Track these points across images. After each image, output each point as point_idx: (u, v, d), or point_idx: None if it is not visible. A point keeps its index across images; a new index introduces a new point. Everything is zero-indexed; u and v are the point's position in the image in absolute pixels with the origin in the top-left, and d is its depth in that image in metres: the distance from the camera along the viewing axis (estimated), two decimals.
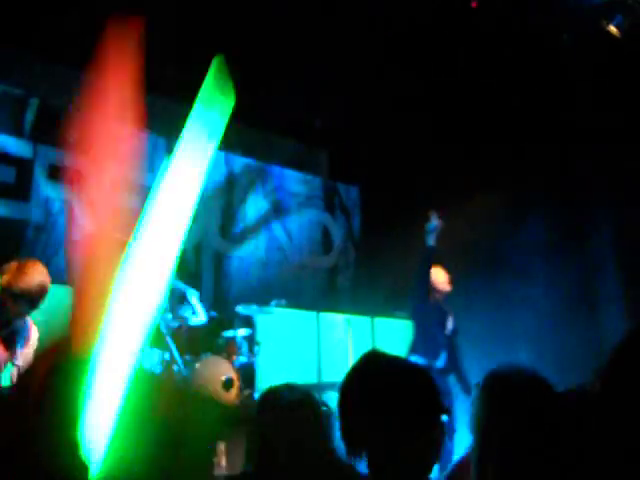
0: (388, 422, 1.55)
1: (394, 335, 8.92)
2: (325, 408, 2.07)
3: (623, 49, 6.42)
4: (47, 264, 7.21)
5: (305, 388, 2.12)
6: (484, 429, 1.88)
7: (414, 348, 5.83)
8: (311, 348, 8.81)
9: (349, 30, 7.44)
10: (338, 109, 8.79)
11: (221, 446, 5.63)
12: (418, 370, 1.74)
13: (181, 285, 6.76)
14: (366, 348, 5.67)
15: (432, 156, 8.78)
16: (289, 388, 2.08)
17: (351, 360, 6.89)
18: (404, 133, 8.86)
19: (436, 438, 1.60)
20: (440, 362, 5.66)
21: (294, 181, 9.91)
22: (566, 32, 6.66)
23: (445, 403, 1.68)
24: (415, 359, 5.64)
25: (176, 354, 5.58)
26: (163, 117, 8.44)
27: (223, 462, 5.46)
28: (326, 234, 10.15)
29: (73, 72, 7.54)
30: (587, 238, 8.30)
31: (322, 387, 7.89)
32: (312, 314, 8.94)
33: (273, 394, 2.08)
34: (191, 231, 8.52)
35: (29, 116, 7.45)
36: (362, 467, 1.68)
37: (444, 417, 1.63)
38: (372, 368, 1.74)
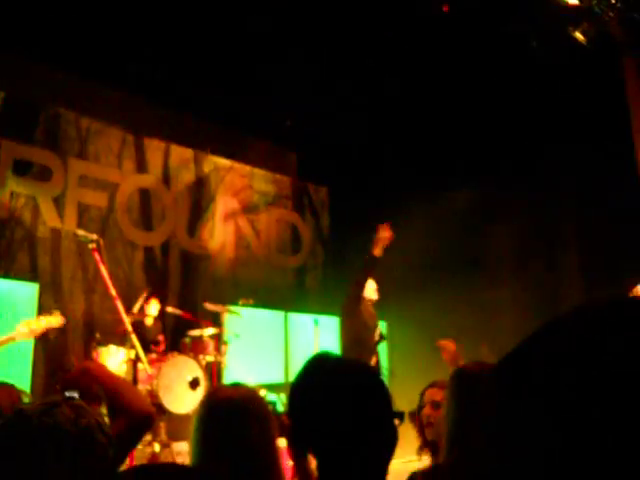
0: (339, 423, 1.54)
1: None
2: (270, 407, 2.07)
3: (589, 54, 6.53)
4: (12, 260, 7.19)
5: (250, 387, 2.12)
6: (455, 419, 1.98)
7: (345, 352, 5.86)
8: (279, 347, 8.81)
9: (320, 31, 7.46)
10: (308, 110, 8.79)
11: (184, 445, 5.59)
12: (369, 370, 1.74)
13: None
14: (334, 347, 5.71)
15: (402, 157, 8.84)
16: (234, 386, 2.07)
17: None
18: (373, 134, 8.91)
19: (388, 440, 1.58)
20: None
21: (263, 180, 9.89)
22: (535, 38, 6.74)
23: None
24: None
25: (141, 353, 5.51)
26: (133, 115, 8.39)
27: (188, 461, 5.42)
28: (295, 234, 10.14)
29: (40, 66, 7.46)
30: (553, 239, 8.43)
31: (289, 386, 7.88)
32: (280, 313, 8.94)
33: (216, 392, 2.07)
34: (159, 230, 8.54)
35: None
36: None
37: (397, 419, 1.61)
38: (321, 369, 1.73)
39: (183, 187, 8.90)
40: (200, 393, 6.10)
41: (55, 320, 4.55)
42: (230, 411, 1.93)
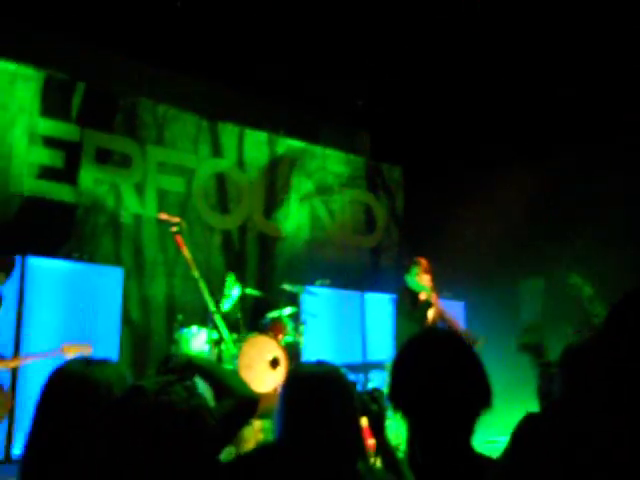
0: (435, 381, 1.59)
1: None
2: (353, 385, 2.05)
3: None
4: (97, 246, 7.45)
5: (333, 365, 2.11)
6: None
7: None
8: (356, 327, 8.83)
9: (390, 11, 7.37)
10: (380, 89, 8.72)
11: (266, 423, 5.69)
12: (459, 338, 1.76)
13: None
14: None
15: (477, 134, 8.66)
16: (317, 364, 2.07)
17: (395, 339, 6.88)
18: (447, 111, 8.76)
19: (479, 398, 1.63)
20: None
21: (337, 161, 9.88)
22: None
23: None
24: None
25: (225, 334, 5.63)
26: (208, 100, 8.50)
27: (270, 438, 5.52)
28: (369, 214, 10.11)
29: (119, 56, 7.65)
30: None
31: (367, 366, 7.91)
32: (356, 293, 8.95)
33: (300, 370, 2.07)
34: (235, 213, 8.67)
35: (76, 100, 7.56)
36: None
37: None
38: (421, 337, 1.78)
39: (258, 170, 8.99)
40: (280, 372, 6.20)
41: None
42: (313, 388, 1.94)
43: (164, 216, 5.19)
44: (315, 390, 1.93)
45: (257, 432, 5.84)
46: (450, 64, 8.04)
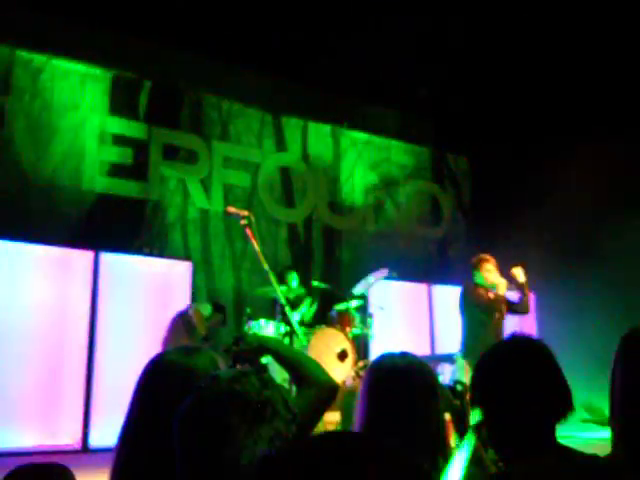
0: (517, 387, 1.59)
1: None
2: (437, 378, 1.99)
3: None
4: (166, 240, 7.59)
5: (418, 357, 2.05)
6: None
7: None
8: (424, 320, 8.73)
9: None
10: (444, 77, 8.58)
11: (335, 416, 5.68)
12: (541, 345, 1.75)
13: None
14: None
15: (544, 121, 8.42)
16: (401, 356, 2.01)
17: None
18: (514, 98, 8.55)
19: (559, 406, 1.64)
20: None
21: (401, 152, 9.79)
22: None
23: None
24: None
25: (295, 326, 5.64)
26: (271, 95, 8.53)
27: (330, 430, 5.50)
28: (435, 205, 9.98)
29: (183, 54, 7.75)
30: None
31: (436, 359, 7.80)
32: (424, 286, 8.85)
33: (383, 361, 2.02)
34: (301, 205, 8.69)
35: (143, 98, 7.71)
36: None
37: None
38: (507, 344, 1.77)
39: (322, 163, 8.98)
40: (348, 365, 6.17)
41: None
42: (397, 380, 1.89)
43: (232, 209, 5.20)
44: (399, 382, 1.89)
45: (326, 425, 5.84)
46: (513, 49, 7.85)
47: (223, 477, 1.26)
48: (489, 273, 5.94)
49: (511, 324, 5.95)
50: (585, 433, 6.54)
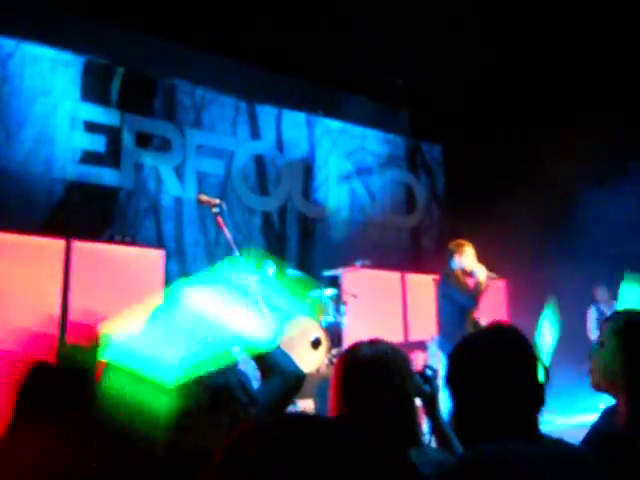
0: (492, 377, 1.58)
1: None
2: (409, 363, 2.00)
3: None
4: (139, 228, 7.54)
5: (390, 343, 2.06)
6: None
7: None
8: (397, 308, 8.78)
9: None
10: (418, 66, 8.59)
11: (309, 403, 5.71)
12: (518, 333, 1.73)
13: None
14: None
15: (518, 111, 8.49)
16: (372, 343, 2.02)
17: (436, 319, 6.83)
18: (486, 88, 8.60)
19: (534, 397, 1.64)
20: None
21: (376, 141, 9.81)
22: None
23: None
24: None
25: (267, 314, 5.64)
26: (245, 82, 8.49)
27: None
28: (409, 194, 10.02)
29: (156, 40, 7.67)
30: None
31: (408, 346, 7.86)
32: (397, 274, 8.89)
33: (355, 349, 2.03)
34: (275, 194, 8.68)
35: (115, 85, 7.63)
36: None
37: None
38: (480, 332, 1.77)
39: (297, 151, 8.97)
40: (322, 353, 6.21)
41: None
42: (369, 368, 1.91)
43: (203, 198, 5.19)
44: (371, 370, 1.90)
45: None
46: (489, 37, 7.88)
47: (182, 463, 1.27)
48: (468, 259, 5.95)
49: (483, 312, 6.01)
50: None
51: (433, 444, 2.11)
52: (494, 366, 1.61)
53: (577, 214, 8.11)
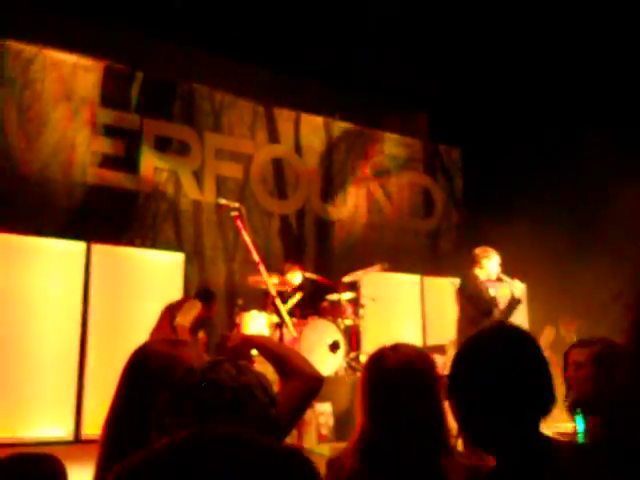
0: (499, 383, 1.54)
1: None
2: (436, 368, 1.99)
3: None
4: (158, 232, 7.58)
5: (414, 347, 2.04)
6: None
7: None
8: (415, 311, 8.76)
9: None
10: (437, 70, 8.57)
11: (327, 406, 5.70)
12: (527, 337, 1.68)
13: None
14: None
15: (538, 113, 8.43)
16: (393, 348, 2.01)
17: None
18: (507, 90, 8.55)
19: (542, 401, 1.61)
20: None
21: (394, 144, 9.79)
22: None
23: None
24: None
25: (285, 317, 5.65)
26: (263, 86, 8.52)
27: (330, 422, 5.53)
28: (427, 197, 9.99)
29: (175, 45, 7.73)
30: None
31: (427, 349, 7.84)
32: (416, 277, 8.88)
33: (381, 355, 2.02)
34: (293, 198, 8.69)
35: (135, 89, 7.68)
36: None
37: None
38: (487, 335, 1.71)
39: (314, 155, 8.98)
40: (340, 356, 6.20)
41: None
42: (398, 373, 1.89)
43: (223, 201, 5.22)
44: (399, 376, 1.89)
45: (318, 415, 5.86)
46: (509, 41, 7.84)
47: None
48: (495, 266, 5.84)
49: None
50: None
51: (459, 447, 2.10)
52: (498, 367, 1.56)
53: (603, 215, 8.03)
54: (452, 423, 2.06)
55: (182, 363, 1.66)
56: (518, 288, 5.62)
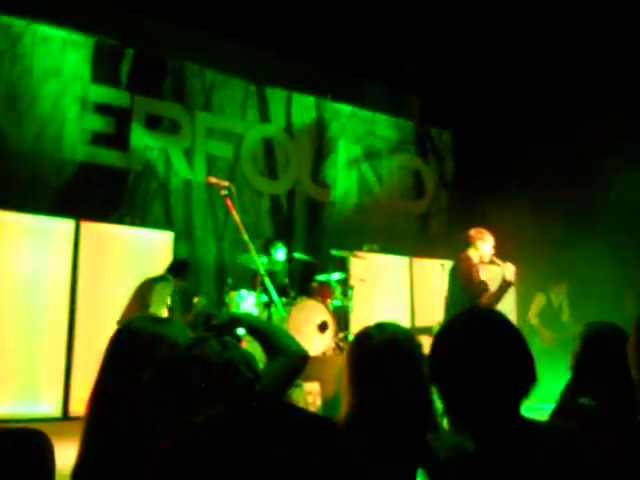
0: (479, 362, 1.53)
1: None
2: (421, 348, 1.99)
3: None
4: (148, 210, 7.55)
5: (400, 326, 2.04)
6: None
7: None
8: (404, 293, 8.79)
9: None
10: (429, 51, 8.53)
11: (315, 386, 5.73)
12: (504, 319, 1.68)
13: None
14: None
15: (529, 96, 8.43)
16: (378, 327, 2.01)
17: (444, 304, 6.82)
18: (498, 73, 8.53)
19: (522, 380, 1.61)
20: None
21: (385, 126, 9.77)
22: None
23: None
24: None
25: (274, 297, 5.66)
26: (255, 65, 8.46)
27: (318, 402, 5.57)
28: (418, 179, 9.99)
29: (167, 22, 7.65)
30: None
31: (415, 331, 7.87)
32: (405, 259, 8.90)
33: (367, 334, 2.02)
34: (284, 177, 8.66)
35: (125, 66, 7.61)
36: None
37: None
38: (466, 317, 1.70)
39: (305, 135, 8.95)
40: (329, 336, 6.22)
41: None
42: (383, 352, 1.90)
43: (213, 180, 5.22)
44: (384, 354, 1.89)
45: (306, 395, 5.89)
46: (501, 23, 7.81)
47: None
48: (489, 248, 5.81)
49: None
50: None
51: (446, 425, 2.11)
52: (477, 349, 1.56)
53: (593, 199, 8.07)
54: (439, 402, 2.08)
55: (166, 340, 1.66)
56: (510, 271, 5.59)
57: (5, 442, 1.81)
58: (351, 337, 6.41)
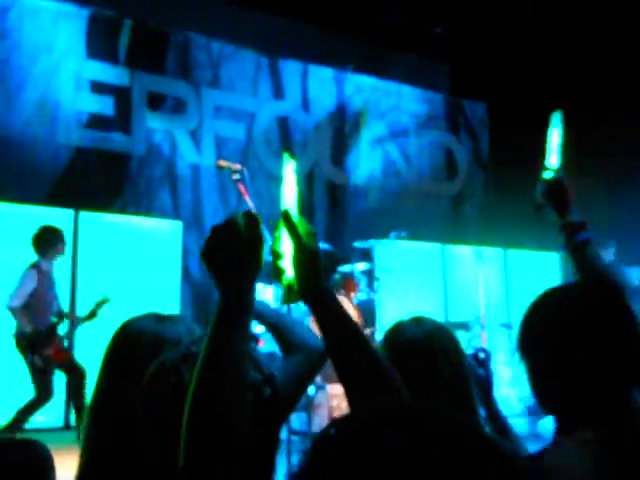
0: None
1: (530, 269, 8.67)
2: (459, 344, 1.96)
3: None
4: (153, 198, 7.56)
5: (434, 321, 2.02)
6: None
7: None
8: (436, 283, 8.72)
9: None
10: (460, 15, 8.44)
11: (339, 388, 5.71)
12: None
13: None
14: (498, 283, 5.50)
15: (572, 61, 8.33)
16: (416, 322, 1.98)
17: (482, 296, 6.76)
18: (537, 37, 8.42)
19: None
20: None
21: (413, 99, 9.70)
22: None
23: None
24: None
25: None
26: (267, 35, 8.42)
27: (343, 405, 5.54)
28: (450, 158, 9.93)
29: None
30: None
31: (449, 326, 7.83)
32: (436, 246, 8.82)
33: (397, 329, 2.00)
34: (301, 159, 8.63)
35: (123, 40, 7.60)
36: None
37: None
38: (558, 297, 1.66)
39: (324, 112, 8.91)
40: None
41: None
42: (421, 349, 1.87)
43: (223, 163, 5.18)
44: (422, 351, 1.86)
45: (330, 398, 5.88)
46: None
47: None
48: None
49: None
50: None
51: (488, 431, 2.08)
52: (583, 326, 1.48)
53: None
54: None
55: (169, 339, 1.69)
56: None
57: (2, 453, 1.85)
58: (379, 334, 6.38)
